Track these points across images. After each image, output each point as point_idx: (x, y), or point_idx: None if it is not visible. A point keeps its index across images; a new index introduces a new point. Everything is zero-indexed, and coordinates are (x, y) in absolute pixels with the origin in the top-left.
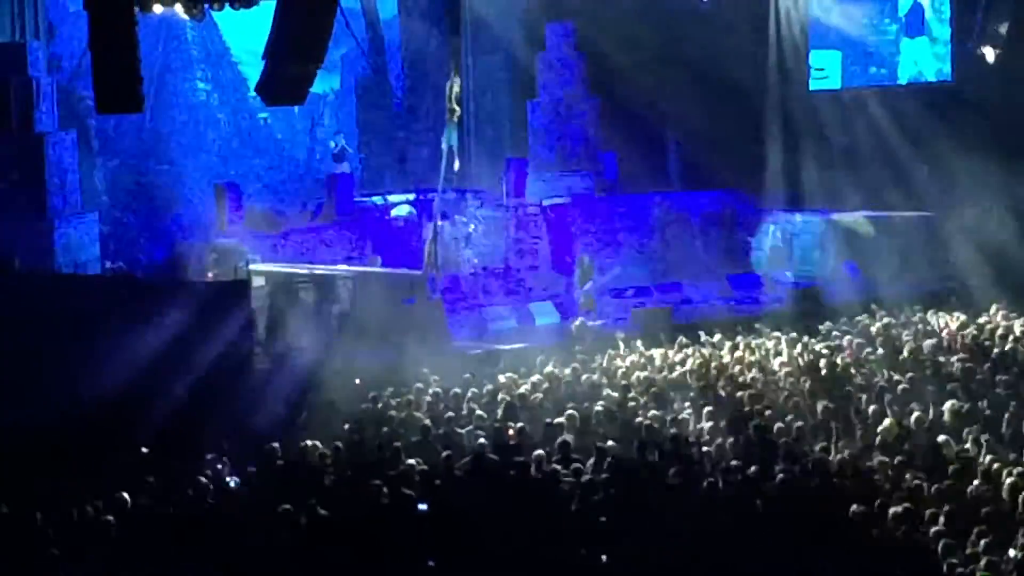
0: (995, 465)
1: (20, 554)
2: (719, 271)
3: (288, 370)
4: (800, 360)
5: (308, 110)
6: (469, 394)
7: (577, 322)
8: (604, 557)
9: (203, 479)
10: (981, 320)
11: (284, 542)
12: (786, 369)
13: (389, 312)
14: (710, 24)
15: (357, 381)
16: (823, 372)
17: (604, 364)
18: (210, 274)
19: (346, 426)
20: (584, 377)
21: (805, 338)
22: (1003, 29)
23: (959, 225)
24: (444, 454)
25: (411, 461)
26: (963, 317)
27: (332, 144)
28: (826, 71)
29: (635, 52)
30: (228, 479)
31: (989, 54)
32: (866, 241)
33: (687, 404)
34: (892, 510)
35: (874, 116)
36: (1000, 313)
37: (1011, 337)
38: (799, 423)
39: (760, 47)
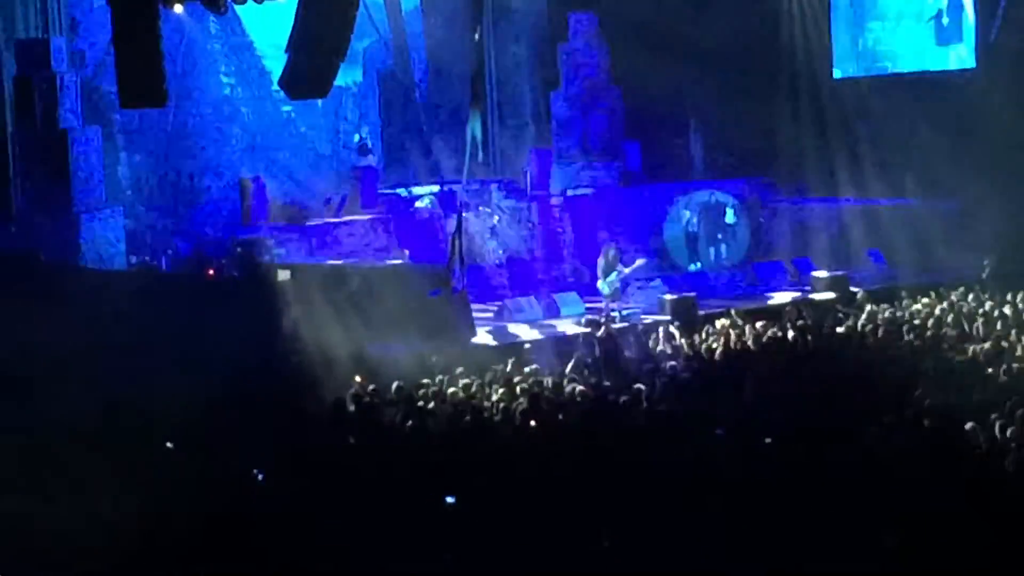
0: None
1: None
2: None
3: (313, 365)
4: None
5: (331, 103)
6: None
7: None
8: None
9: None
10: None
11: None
12: None
13: (414, 305)
14: (733, 12)
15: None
16: None
17: None
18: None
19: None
20: None
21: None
22: None
23: (984, 213)
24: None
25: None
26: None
27: (356, 137)
28: None
29: (658, 41)
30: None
31: None
32: (891, 229)
33: None
34: None
35: (899, 104)
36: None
37: None
38: None
39: (784, 35)
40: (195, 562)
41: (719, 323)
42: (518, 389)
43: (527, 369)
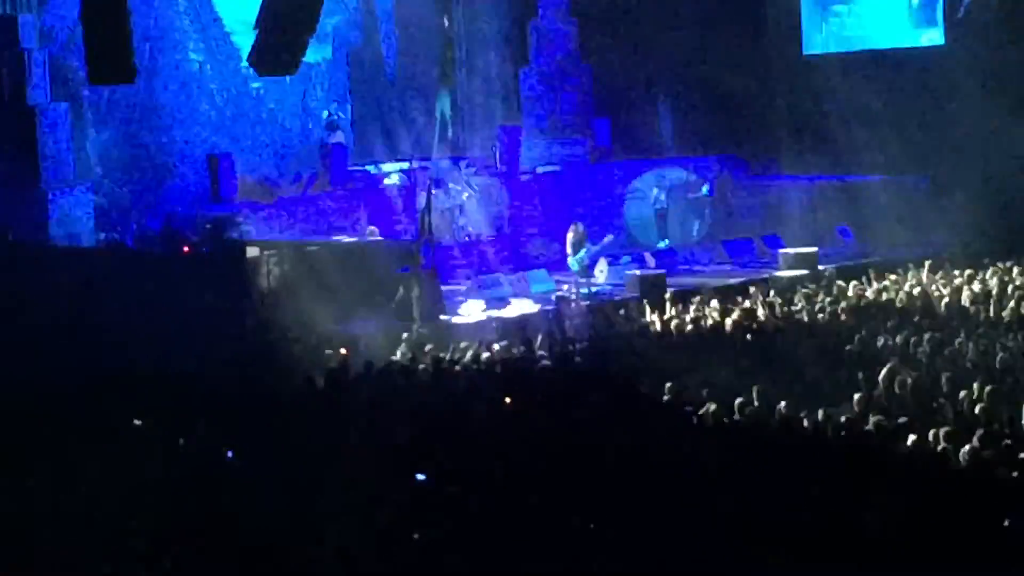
0: None
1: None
2: (713, 236)
3: (282, 342)
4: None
5: (300, 80)
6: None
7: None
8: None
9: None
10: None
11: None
12: None
13: (383, 282)
14: None
15: (343, 351)
16: None
17: None
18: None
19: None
20: None
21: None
22: None
23: (956, 187)
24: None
25: None
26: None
27: (324, 114)
28: None
29: (628, 18)
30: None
31: None
32: (863, 204)
33: None
34: None
35: (868, 81)
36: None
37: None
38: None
39: (753, 11)
40: (166, 539)
41: (688, 301)
42: (486, 365)
43: (496, 346)
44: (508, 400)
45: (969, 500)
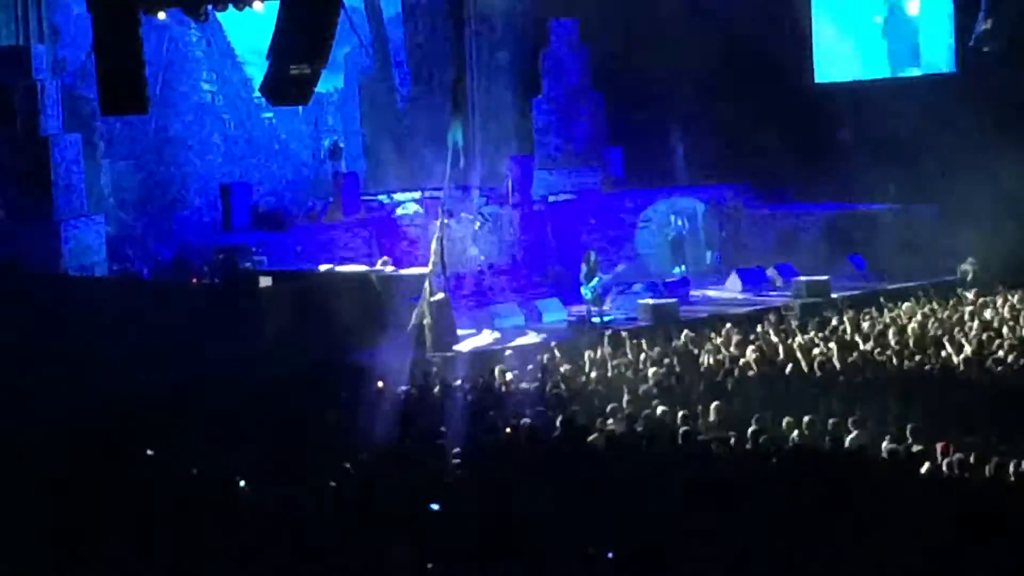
0: None
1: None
2: (726, 265)
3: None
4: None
5: (313, 109)
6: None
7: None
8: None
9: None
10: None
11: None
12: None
13: (396, 312)
14: (715, 16)
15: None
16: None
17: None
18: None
19: None
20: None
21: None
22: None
23: (965, 218)
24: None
25: None
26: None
27: (326, 142)
28: None
29: (640, 47)
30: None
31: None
32: (875, 233)
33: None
34: None
35: (880, 108)
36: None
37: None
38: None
39: (766, 39)
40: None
41: (701, 329)
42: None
43: (508, 375)
44: (508, 430)
45: (985, 525)
